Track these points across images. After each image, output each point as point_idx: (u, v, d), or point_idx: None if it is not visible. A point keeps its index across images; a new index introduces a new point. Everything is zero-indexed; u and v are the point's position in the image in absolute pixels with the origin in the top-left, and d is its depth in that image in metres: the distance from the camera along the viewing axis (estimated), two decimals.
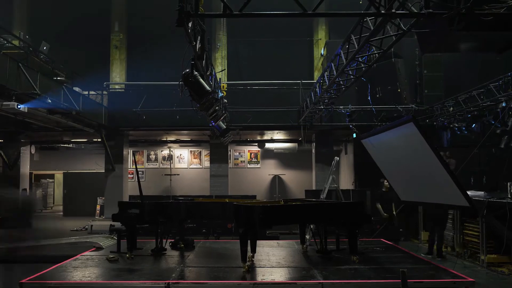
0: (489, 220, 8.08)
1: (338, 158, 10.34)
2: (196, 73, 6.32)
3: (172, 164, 18.22)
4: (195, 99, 6.93)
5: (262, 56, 16.70)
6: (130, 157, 16.15)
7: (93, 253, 7.08)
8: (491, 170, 10.96)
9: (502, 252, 7.98)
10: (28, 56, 10.42)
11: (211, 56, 15.40)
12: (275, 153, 18.25)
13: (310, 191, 13.00)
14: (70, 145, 18.26)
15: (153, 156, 18.68)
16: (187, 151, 18.62)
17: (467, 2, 4.56)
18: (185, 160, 18.61)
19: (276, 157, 18.55)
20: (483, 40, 5.68)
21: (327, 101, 10.51)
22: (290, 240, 8.65)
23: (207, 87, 6.63)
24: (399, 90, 12.24)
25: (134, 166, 12.66)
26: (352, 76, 8.16)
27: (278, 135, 16.44)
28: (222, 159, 15.49)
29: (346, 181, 16.23)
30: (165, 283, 5.05)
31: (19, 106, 8.79)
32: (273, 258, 6.57)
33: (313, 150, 15.19)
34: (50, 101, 9.60)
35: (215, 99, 7.99)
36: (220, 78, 11.06)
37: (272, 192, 17.94)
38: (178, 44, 6.18)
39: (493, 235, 8.20)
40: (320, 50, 16.58)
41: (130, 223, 6.81)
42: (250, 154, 18.71)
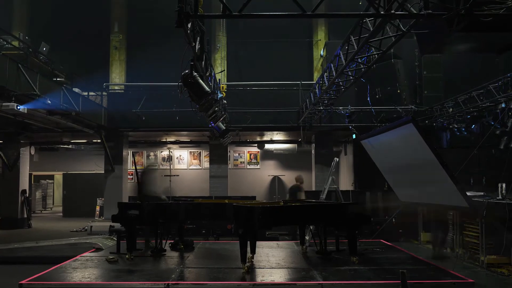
0: (488, 221, 8.07)
1: (337, 159, 10.34)
2: (196, 74, 6.32)
3: (171, 165, 18.22)
4: (194, 100, 6.92)
5: (261, 57, 16.69)
6: (130, 158, 16.14)
7: (93, 254, 7.08)
8: (491, 171, 10.95)
9: (501, 253, 7.97)
10: (27, 57, 10.43)
11: (211, 57, 15.40)
12: (275, 154, 18.25)
13: (309, 192, 12.98)
14: (70, 146, 18.27)
15: (152, 157, 18.67)
16: (187, 152, 18.61)
17: (467, 3, 4.55)
18: (184, 161, 18.60)
19: (276, 158, 18.55)
20: (483, 41, 5.68)
21: (326, 102, 10.51)
22: (290, 241, 8.64)
23: (207, 88, 6.63)
24: (398, 91, 12.22)
25: (133, 167, 12.64)
26: (351, 77, 8.17)
27: (277, 136, 16.44)
28: (222, 160, 15.48)
29: (345, 182, 16.24)
30: (164, 284, 5.05)
31: (18, 107, 8.78)
32: (272, 259, 6.57)
33: (313, 151, 15.18)
34: (49, 102, 9.59)
35: (214, 100, 7.98)
36: (219, 79, 11.07)
37: (272, 193, 17.93)
38: (178, 45, 6.17)
39: (493, 236, 8.19)
40: (320, 51, 16.58)
41: (130, 224, 6.81)
42: (250, 155, 18.71)
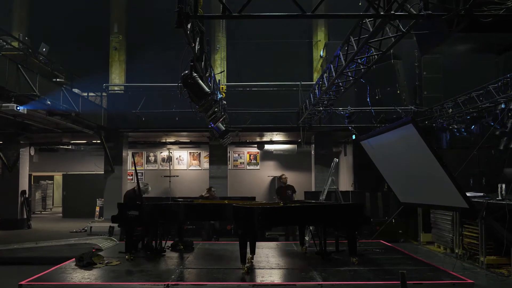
0: (488, 221, 8.06)
1: (337, 160, 10.34)
2: (195, 74, 6.31)
3: (171, 165, 18.21)
4: (194, 100, 6.92)
5: (261, 57, 16.68)
6: (130, 158, 16.14)
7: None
8: (490, 171, 10.96)
9: (502, 253, 7.96)
10: (27, 57, 10.44)
11: (210, 57, 15.39)
12: (275, 155, 18.25)
13: (309, 193, 13.00)
14: (70, 147, 18.27)
15: (152, 158, 18.67)
16: (186, 153, 18.61)
17: (466, 3, 4.55)
18: (184, 162, 18.60)
19: (276, 159, 18.55)
20: (482, 42, 5.68)
21: (326, 102, 10.51)
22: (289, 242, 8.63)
23: (206, 89, 6.63)
24: (398, 91, 12.21)
25: (133, 168, 12.66)
26: (351, 78, 8.17)
27: (277, 136, 16.43)
28: (222, 160, 15.47)
29: (345, 183, 16.24)
30: (164, 284, 5.03)
31: (18, 108, 8.78)
32: (272, 260, 6.56)
33: (312, 152, 15.18)
34: (49, 102, 9.59)
35: (214, 101, 7.98)
36: (219, 80, 11.05)
37: (272, 193, 17.90)
38: (177, 46, 6.17)
39: (493, 236, 8.18)
40: (320, 52, 16.57)
41: (130, 225, 6.80)
42: (250, 155, 18.71)
